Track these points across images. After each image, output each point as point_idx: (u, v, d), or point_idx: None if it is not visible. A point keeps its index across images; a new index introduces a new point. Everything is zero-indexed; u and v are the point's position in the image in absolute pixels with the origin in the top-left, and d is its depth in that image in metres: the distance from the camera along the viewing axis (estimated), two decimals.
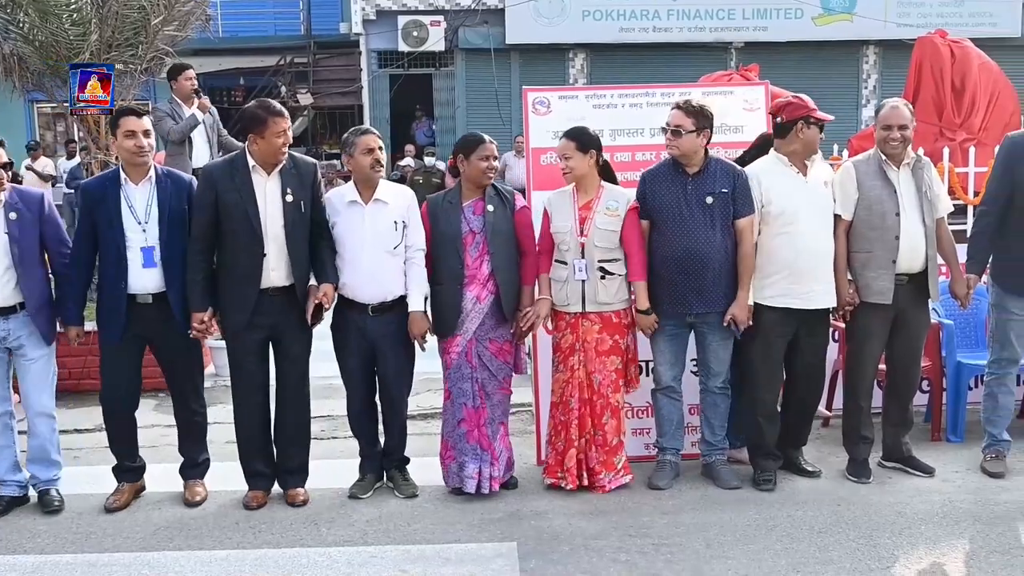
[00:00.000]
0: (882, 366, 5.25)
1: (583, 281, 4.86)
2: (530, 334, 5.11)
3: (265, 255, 4.68)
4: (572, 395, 4.92)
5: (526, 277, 4.96)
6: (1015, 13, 17.09)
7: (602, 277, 4.88)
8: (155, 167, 4.82)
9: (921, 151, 5.56)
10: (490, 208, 4.89)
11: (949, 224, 5.25)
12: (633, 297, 4.98)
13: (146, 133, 4.72)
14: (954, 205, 6.63)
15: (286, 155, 4.76)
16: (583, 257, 4.87)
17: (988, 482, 5.07)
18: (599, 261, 4.87)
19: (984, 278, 5.32)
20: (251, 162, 4.72)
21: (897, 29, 16.39)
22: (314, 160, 5.08)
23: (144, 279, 4.70)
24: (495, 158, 4.94)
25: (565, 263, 4.90)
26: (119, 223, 4.68)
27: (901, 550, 4.28)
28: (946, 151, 7.53)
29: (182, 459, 5.04)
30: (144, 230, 4.70)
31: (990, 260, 5.23)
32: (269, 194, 4.72)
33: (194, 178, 5.00)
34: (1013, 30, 17.00)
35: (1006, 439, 5.27)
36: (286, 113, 4.77)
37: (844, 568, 4.11)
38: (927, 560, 4.20)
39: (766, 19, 16.96)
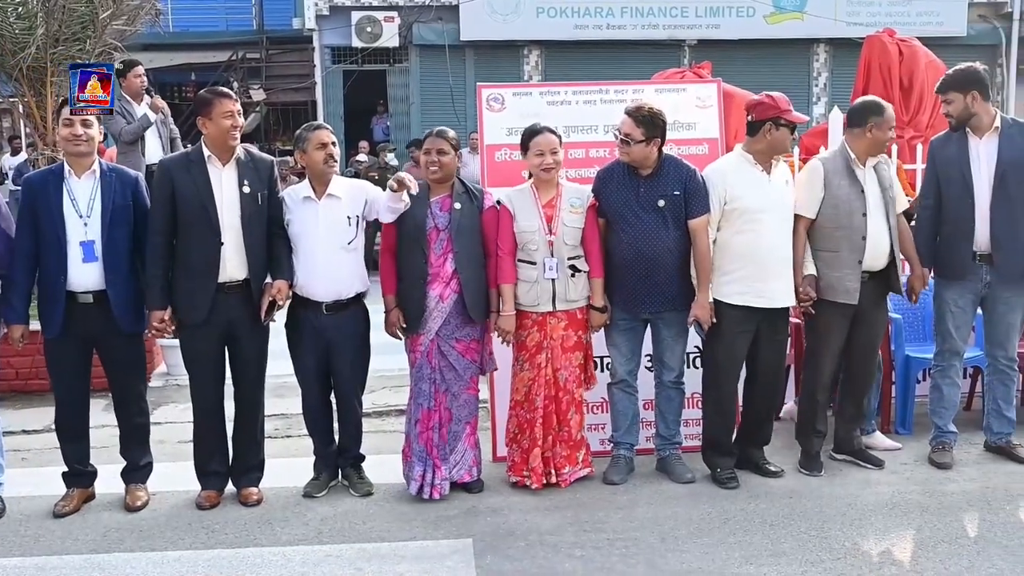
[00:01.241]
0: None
1: (553, 280, 4.86)
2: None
3: (222, 244, 4.63)
4: (538, 393, 4.91)
5: (494, 277, 4.93)
6: (961, 13, 17.39)
7: (572, 275, 4.89)
8: (100, 162, 4.75)
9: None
10: (457, 206, 4.87)
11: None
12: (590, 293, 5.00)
13: (85, 123, 4.65)
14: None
15: (238, 141, 4.73)
16: (553, 256, 4.86)
17: (935, 473, 5.16)
18: (568, 259, 4.88)
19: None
20: (206, 153, 4.69)
21: (847, 28, 16.60)
22: (271, 156, 5.04)
23: (84, 274, 4.62)
24: (440, 151, 4.86)
25: (534, 263, 4.87)
26: (60, 216, 4.60)
27: (851, 541, 4.35)
28: (894, 148, 7.64)
29: (124, 463, 4.96)
30: (86, 224, 4.63)
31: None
32: (225, 185, 4.68)
33: (140, 175, 4.93)
34: (959, 29, 17.29)
35: (952, 431, 5.37)
36: (234, 96, 4.75)
37: (796, 559, 4.16)
38: (876, 550, 4.27)
39: (719, 17, 17.10)
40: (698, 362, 5.39)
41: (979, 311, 5.34)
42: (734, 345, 5.01)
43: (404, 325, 4.91)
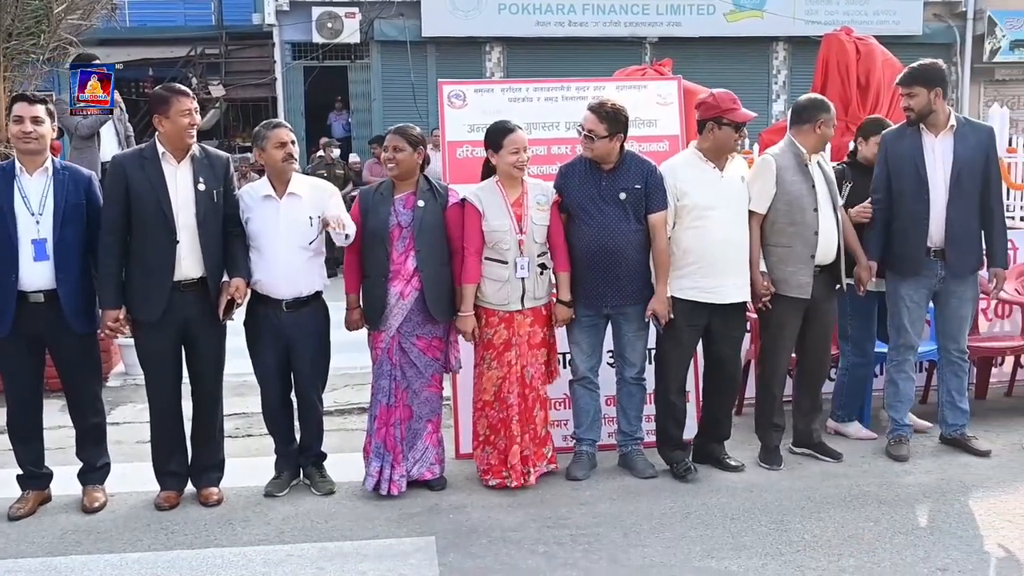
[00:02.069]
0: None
1: (523, 279, 4.85)
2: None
3: (178, 242, 4.59)
4: (510, 391, 4.90)
5: (457, 276, 4.91)
6: (916, 12, 17.62)
7: (540, 272, 4.90)
8: (53, 160, 4.68)
9: (829, 145, 5.72)
10: (420, 203, 4.85)
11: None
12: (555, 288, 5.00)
13: (35, 120, 4.57)
14: None
15: (194, 139, 4.68)
16: (524, 255, 4.85)
17: (892, 466, 5.23)
18: (538, 256, 4.89)
19: None
20: (161, 150, 4.63)
21: (805, 26, 16.76)
22: (227, 154, 5.00)
23: (35, 273, 4.55)
24: (397, 148, 4.83)
25: (505, 262, 4.85)
26: (11, 214, 4.52)
27: (810, 533, 4.40)
28: (852, 145, 7.72)
29: (80, 464, 4.89)
30: (37, 222, 4.55)
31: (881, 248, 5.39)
32: (180, 182, 4.63)
33: (95, 173, 4.86)
34: (915, 28, 17.53)
35: (908, 424, 5.44)
36: (191, 94, 4.69)
37: (756, 552, 4.20)
38: (835, 542, 4.31)
39: (679, 15, 17.19)
40: (655, 358, 5.42)
41: (930, 305, 5.42)
42: (682, 339, 5.05)
43: (365, 325, 4.89)
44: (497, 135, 4.87)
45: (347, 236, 4.70)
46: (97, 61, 7.74)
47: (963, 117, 5.33)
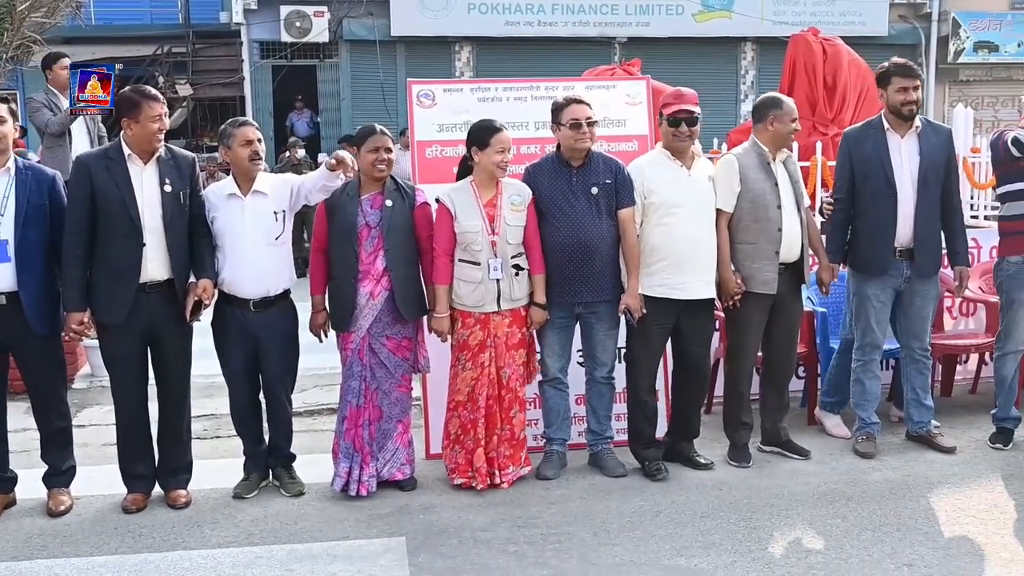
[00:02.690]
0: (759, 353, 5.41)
1: (498, 280, 4.84)
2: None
3: (144, 244, 4.54)
4: (481, 392, 4.89)
5: (426, 276, 4.92)
6: (882, 13, 17.79)
7: (516, 274, 4.88)
8: (16, 159, 4.61)
9: (796, 145, 5.77)
10: (388, 203, 4.83)
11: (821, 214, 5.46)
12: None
13: None
14: (823, 197, 6.89)
15: (162, 142, 4.63)
16: (496, 256, 4.84)
17: (859, 463, 5.28)
18: (512, 258, 4.88)
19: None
20: (127, 151, 4.58)
21: (773, 27, 16.88)
22: (192, 154, 4.95)
23: None
24: (387, 150, 4.84)
25: (477, 263, 4.84)
26: None
27: (779, 531, 4.43)
28: (819, 145, 7.81)
29: (46, 467, 4.83)
30: None
31: (846, 247, 5.43)
32: (146, 184, 4.59)
33: (59, 173, 4.80)
34: (880, 29, 17.69)
35: (875, 421, 5.50)
36: (161, 98, 4.64)
37: (725, 550, 4.22)
38: (803, 539, 4.35)
39: (648, 15, 17.25)
40: (625, 357, 5.44)
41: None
42: (652, 338, 5.07)
43: (329, 327, 4.87)
44: (485, 133, 4.86)
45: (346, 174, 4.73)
46: (67, 60, 7.69)
47: (924, 118, 5.38)
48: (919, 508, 4.67)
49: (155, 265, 4.59)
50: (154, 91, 4.67)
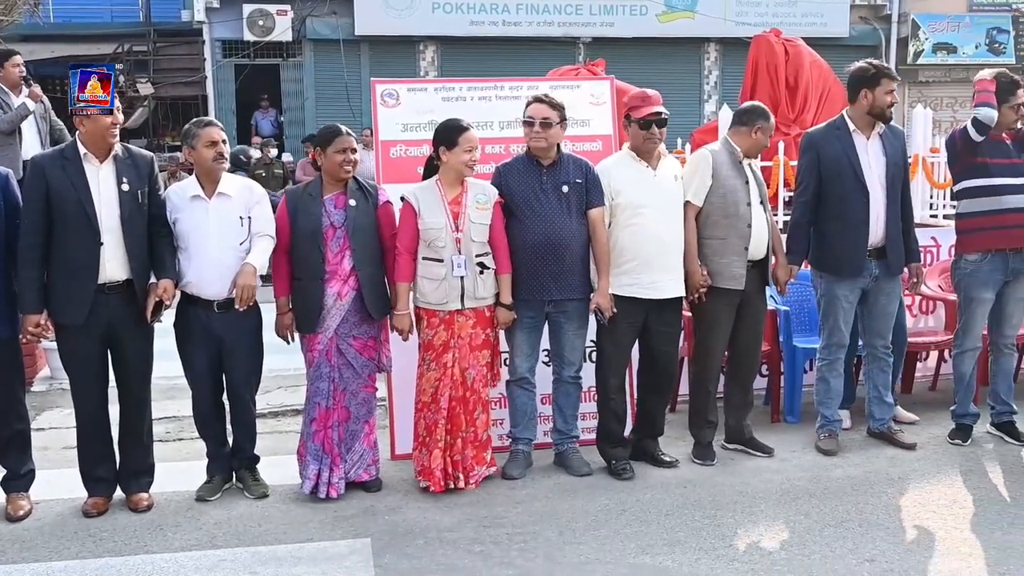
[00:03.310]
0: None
1: (462, 277, 4.84)
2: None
3: (102, 244, 4.49)
4: (443, 393, 4.87)
5: (391, 275, 4.90)
6: (843, 15, 18.00)
7: (480, 272, 4.88)
8: None
9: None
10: (352, 203, 4.81)
11: (785, 214, 5.50)
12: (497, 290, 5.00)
13: None
14: (789, 196, 6.96)
15: (116, 139, 4.57)
16: (460, 253, 4.84)
17: (822, 460, 5.33)
18: (476, 256, 4.87)
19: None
20: (82, 150, 4.52)
21: (736, 27, 17.02)
22: (151, 153, 4.90)
23: None
24: (353, 150, 4.82)
25: (441, 260, 4.83)
26: None
27: (742, 527, 4.46)
28: (781, 145, 7.86)
29: (4, 471, 4.77)
30: None
31: (811, 249, 5.46)
32: (103, 183, 4.53)
33: (11, 172, 4.72)
34: (841, 30, 17.90)
35: (838, 419, 5.56)
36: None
37: (690, 548, 4.25)
38: (767, 535, 4.38)
39: (613, 15, 17.33)
40: (595, 356, 5.46)
41: None
42: (622, 337, 5.09)
43: (296, 329, 4.85)
44: (452, 132, 4.86)
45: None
46: (19, 58, 7.59)
47: None
48: (880, 504, 4.72)
49: (113, 265, 4.54)
50: None
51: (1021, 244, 5.40)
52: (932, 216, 8.45)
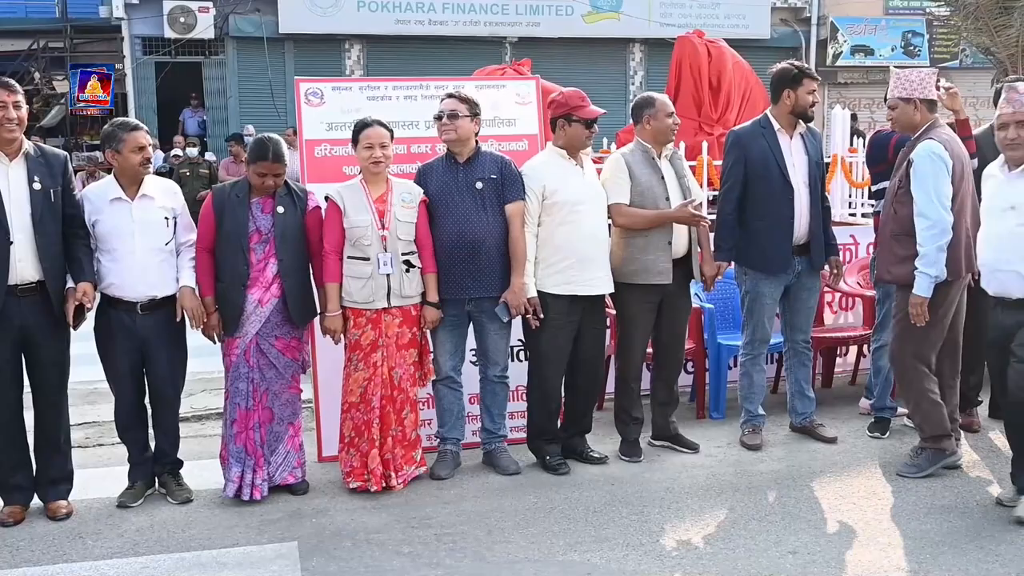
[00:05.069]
0: (649, 349, 5.50)
1: (388, 275, 4.81)
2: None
3: (12, 243, 4.36)
4: (374, 393, 4.84)
5: (317, 277, 4.85)
6: (764, 17, 18.36)
7: (406, 270, 4.85)
8: None
9: (683, 144, 5.88)
10: (280, 209, 4.75)
11: (708, 213, 5.57)
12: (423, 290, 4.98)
13: None
14: (712, 195, 7.06)
15: (16, 134, 4.41)
16: (387, 251, 4.81)
17: (746, 455, 5.42)
18: (402, 254, 4.84)
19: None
20: None
21: (660, 28, 17.23)
22: (64, 152, 4.78)
23: None
24: (277, 175, 4.72)
25: (367, 259, 4.80)
26: None
27: (669, 523, 4.51)
28: (705, 144, 7.98)
29: None
30: None
31: (736, 247, 5.52)
32: (13, 181, 4.40)
33: None
34: (763, 32, 18.24)
35: (761, 414, 5.65)
36: (15, 86, 4.44)
37: (618, 544, 4.28)
38: (693, 530, 4.44)
39: (538, 15, 17.41)
40: (522, 355, 5.47)
41: None
42: (560, 335, 5.11)
43: (222, 330, 4.78)
44: (355, 130, 4.87)
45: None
46: None
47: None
48: (803, 497, 4.82)
49: (24, 265, 4.41)
50: (3, 78, 4.48)
51: None
52: (851, 215, 8.65)
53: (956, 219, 4.80)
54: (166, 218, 4.67)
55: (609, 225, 5.24)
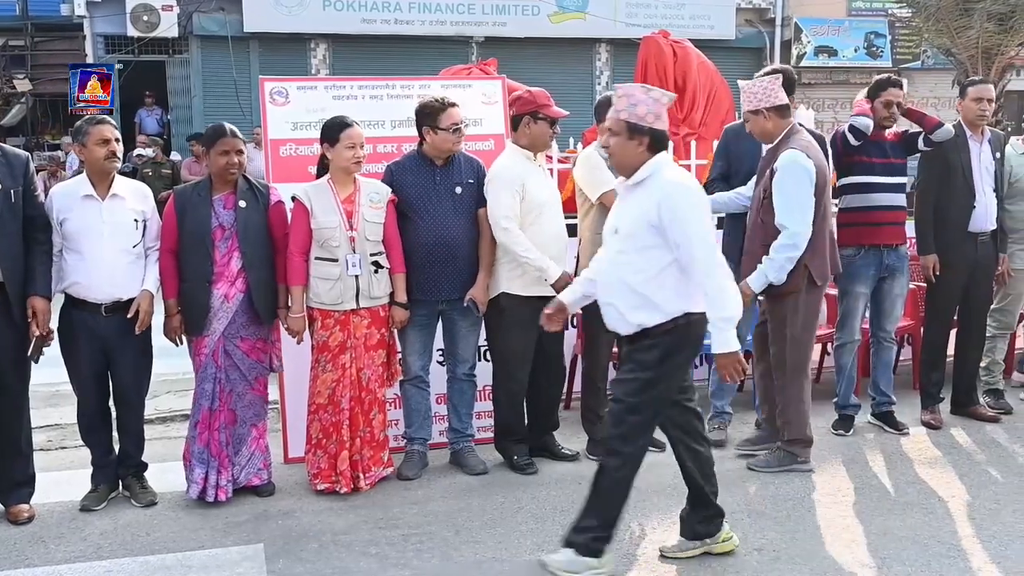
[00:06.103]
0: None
1: (356, 276, 4.78)
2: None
3: None
4: (343, 395, 4.82)
5: (281, 275, 4.82)
6: (729, 18, 18.47)
7: (375, 271, 4.83)
8: None
9: None
10: (242, 204, 4.71)
11: None
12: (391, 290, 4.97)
13: None
14: None
15: None
16: (355, 252, 4.78)
17: (712, 452, 5.43)
18: (371, 255, 4.82)
19: None
20: None
21: (626, 28, 17.29)
22: (26, 153, 4.72)
23: None
24: (239, 152, 4.71)
25: (335, 260, 4.77)
26: None
27: (635, 521, 4.53)
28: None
29: None
30: None
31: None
32: None
33: None
34: (728, 33, 18.36)
35: (728, 411, 5.70)
36: None
37: None
38: (659, 528, 4.47)
39: (505, 15, 17.42)
40: (489, 355, 5.47)
41: None
42: (526, 335, 5.11)
43: (184, 331, 4.74)
44: (334, 129, 4.81)
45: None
46: None
47: None
48: (768, 494, 4.86)
49: None
50: None
51: (892, 241, 5.64)
52: None
53: (820, 225, 4.91)
54: (136, 220, 4.63)
55: (575, 226, 5.26)
